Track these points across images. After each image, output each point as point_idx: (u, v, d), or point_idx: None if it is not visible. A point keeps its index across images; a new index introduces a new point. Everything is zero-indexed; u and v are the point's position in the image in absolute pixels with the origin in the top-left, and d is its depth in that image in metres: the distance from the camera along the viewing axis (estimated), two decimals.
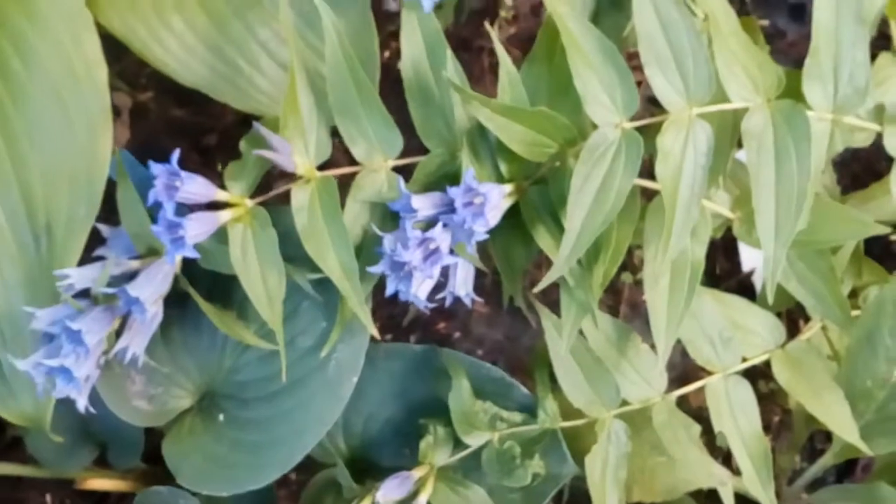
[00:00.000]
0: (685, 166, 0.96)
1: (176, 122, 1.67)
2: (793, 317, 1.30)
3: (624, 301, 1.60)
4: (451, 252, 0.99)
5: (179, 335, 1.15)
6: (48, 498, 1.56)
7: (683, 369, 1.20)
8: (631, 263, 1.61)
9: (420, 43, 1.03)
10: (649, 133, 0.97)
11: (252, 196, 1.03)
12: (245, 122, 1.65)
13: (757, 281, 1.57)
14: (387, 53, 1.55)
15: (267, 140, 0.97)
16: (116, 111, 1.55)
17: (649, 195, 1.05)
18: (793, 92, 1.00)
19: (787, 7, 1.66)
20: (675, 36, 0.95)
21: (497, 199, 0.97)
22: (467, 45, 1.64)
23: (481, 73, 1.63)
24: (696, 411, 1.23)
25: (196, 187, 0.97)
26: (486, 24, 1.02)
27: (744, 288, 1.58)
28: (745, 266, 1.58)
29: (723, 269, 1.61)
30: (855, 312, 1.27)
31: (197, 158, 1.60)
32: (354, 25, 1.14)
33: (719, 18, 0.97)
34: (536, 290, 0.96)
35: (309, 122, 1.03)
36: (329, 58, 1.01)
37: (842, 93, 1.00)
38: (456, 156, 1.03)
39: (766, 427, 1.50)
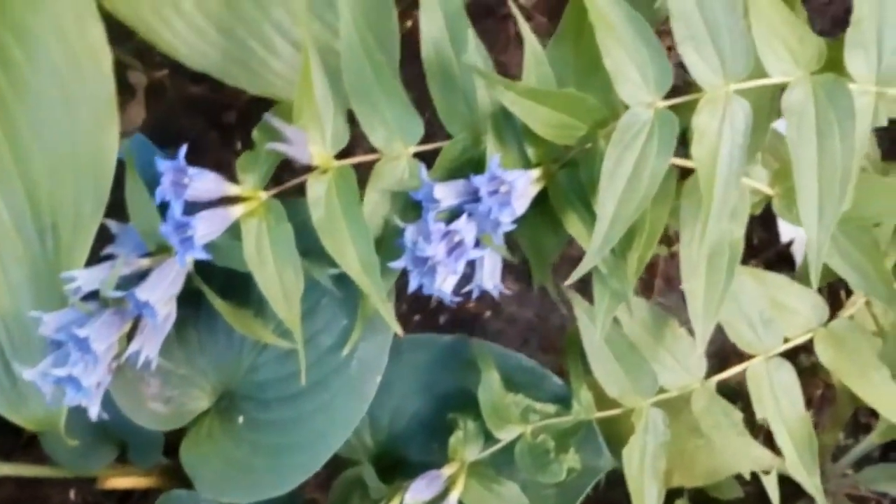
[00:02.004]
0: (722, 146, 0.90)
1: (193, 100, 1.62)
2: (834, 289, 1.25)
3: (659, 274, 1.56)
4: (477, 244, 0.94)
5: (195, 334, 1.11)
6: (72, 494, 1.52)
7: (721, 344, 1.15)
8: (665, 235, 1.56)
9: (441, 21, 0.98)
10: (683, 111, 0.92)
11: (266, 188, 0.98)
12: (265, 99, 1.62)
13: (796, 252, 1.52)
14: (409, 23, 1.50)
15: (280, 131, 0.92)
16: (131, 90, 1.51)
17: (685, 172, 1.00)
18: (834, 63, 0.94)
19: None
20: (709, 11, 0.89)
21: (524, 187, 0.92)
22: (491, 12, 1.58)
23: (507, 42, 1.58)
24: (736, 386, 1.20)
25: (206, 184, 0.92)
26: None
27: (782, 259, 1.53)
28: (784, 237, 1.53)
29: (760, 239, 1.56)
30: None
31: (216, 136, 1.56)
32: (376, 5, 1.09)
33: None
34: (567, 283, 0.91)
35: (325, 108, 0.98)
36: (344, 39, 0.96)
37: (886, 63, 0.94)
38: (480, 140, 0.98)
39: (809, 401, 1.47)
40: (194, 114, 1.58)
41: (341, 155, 0.98)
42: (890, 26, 0.94)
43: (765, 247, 1.54)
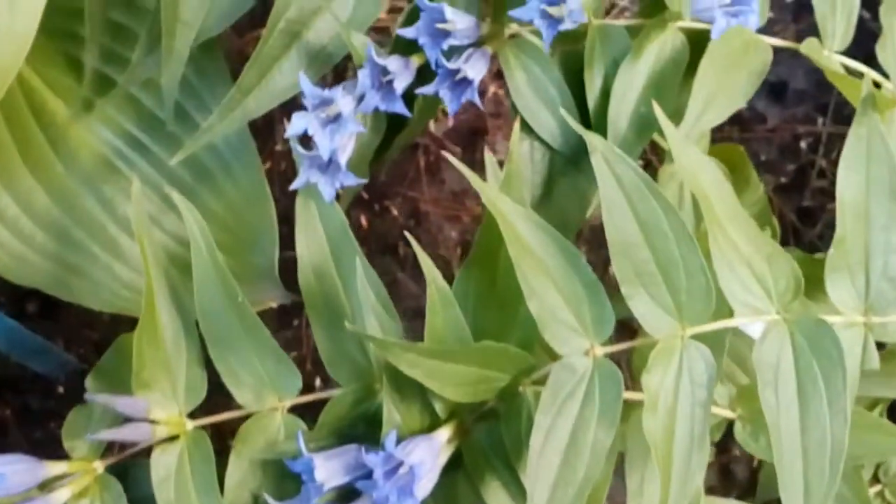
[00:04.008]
0: (680, 408, 0.72)
1: None
2: None
3: None
4: None
5: None
6: None
7: None
8: None
9: (323, 243, 0.79)
10: None
11: (103, 455, 0.78)
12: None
13: None
14: None
15: (109, 406, 0.71)
16: None
17: None
18: (811, 284, 0.76)
19: (766, 86, 1.44)
20: (661, 240, 0.70)
21: (430, 465, 0.72)
22: None
23: (417, 175, 1.43)
24: None
25: (16, 477, 0.71)
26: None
27: None
28: None
29: None
30: (876, 488, 1.08)
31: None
32: (246, 193, 0.92)
33: (714, 201, 0.73)
34: None
35: (176, 353, 0.77)
36: (196, 271, 0.75)
37: (876, 287, 0.77)
38: (375, 390, 0.78)
39: None
40: None
41: (194, 414, 0.78)
42: (878, 245, 0.76)
43: None
